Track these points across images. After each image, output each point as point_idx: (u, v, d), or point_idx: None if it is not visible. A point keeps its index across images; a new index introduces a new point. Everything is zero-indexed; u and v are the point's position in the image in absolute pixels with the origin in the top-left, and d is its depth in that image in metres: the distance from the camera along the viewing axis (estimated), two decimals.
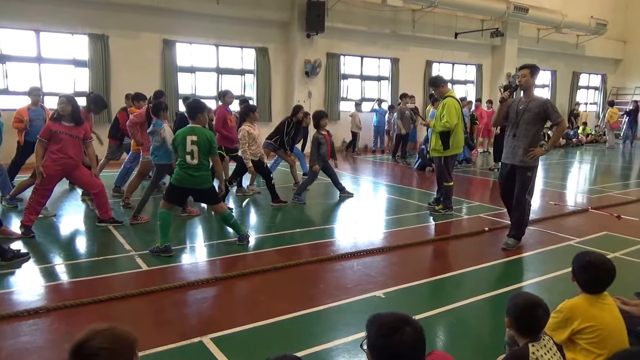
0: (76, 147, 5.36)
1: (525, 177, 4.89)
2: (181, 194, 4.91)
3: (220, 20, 11.88)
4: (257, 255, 4.85)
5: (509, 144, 4.97)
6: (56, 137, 5.20)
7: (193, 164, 4.64)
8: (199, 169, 4.68)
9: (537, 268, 4.58)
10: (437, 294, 4.04)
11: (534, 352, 2.16)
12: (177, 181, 4.71)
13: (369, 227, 6.06)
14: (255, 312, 3.50)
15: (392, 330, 1.61)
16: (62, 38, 10.57)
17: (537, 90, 20.31)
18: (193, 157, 4.63)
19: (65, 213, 6.45)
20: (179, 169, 4.70)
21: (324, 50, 13.41)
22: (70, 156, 5.29)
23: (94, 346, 1.39)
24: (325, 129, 7.25)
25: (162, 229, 4.68)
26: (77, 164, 5.44)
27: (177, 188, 4.74)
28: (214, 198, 4.94)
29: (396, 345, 1.60)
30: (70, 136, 5.27)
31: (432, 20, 14.76)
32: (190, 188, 4.76)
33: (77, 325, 3.20)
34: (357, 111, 13.72)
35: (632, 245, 5.10)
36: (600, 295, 2.51)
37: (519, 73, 4.84)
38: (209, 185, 4.85)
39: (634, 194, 8.23)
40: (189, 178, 4.66)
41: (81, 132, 5.40)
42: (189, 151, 4.62)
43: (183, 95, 10.56)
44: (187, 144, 4.62)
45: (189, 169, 4.65)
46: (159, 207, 4.81)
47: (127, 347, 1.45)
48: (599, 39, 19.21)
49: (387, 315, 1.70)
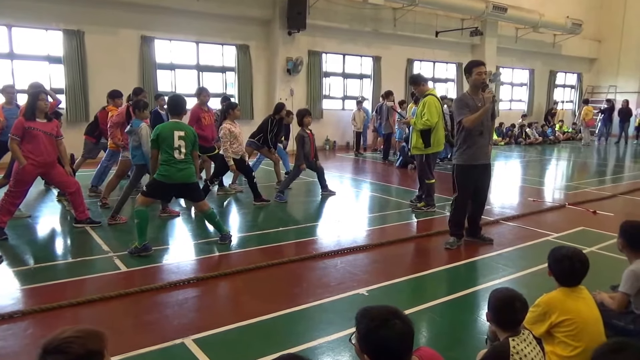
0: (51, 145, 5.24)
1: (489, 173, 5.11)
2: (168, 190, 4.81)
3: (200, 16, 11.74)
4: (239, 254, 4.81)
5: (478, 144, 4.84)
6: (30, 134, 5.06)
7: (181, 158, 4.59)
8: (186, 163, 4.64)
9: (516, 263, 4.65)
10: (419, 291, 4.07)
11: (515, 346, 2.19)
12: (165, 177, 4.60)
13: (352, 225, 6.07)
14: (237, 312, 3.47)
15: (382, 322, 1.64)
16: (35, 34, 10.30)
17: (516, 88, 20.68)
18: (181, 152, 4.58)
19: (41, 214, 6.30)
20: (166, 165, 4.58)
21: (305, 48, 13.39)
22: (46, 154, 5.16)
23: (65, 338, 1.41)
24: (309, 128, 7.23)
25: (139, 228, 4.58)
26: (53, 162, 5.32)
27: (164, 185, 4.65)
28: (200, 194, 4.89)
29: (386, 337, 1.62)
30: (44, 133, 5.15)
31: (413, 19, 14.87)
32: (178, 183, 4.68)
33: (53, 329, 3.06)
34: (359, 109, 13.35)
35: (608, 239, 5.22)
36: (577, 289, 2.57)
37: (480, 70, 4.72)
38: (195, 180, 4.80)
39: (609, 190, 8.43)
40: (178, 174, 4.60)
41: (54, 129, 5.28)
42: (176, 146, 4.57)
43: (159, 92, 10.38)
44: (175, 139, 4.57)
45: (178, 164, 4.59)
46: (136, 204, 4.71)
47: (99, 339, 1.47)
48: (575, 39, 19.63)
49: (377, 308, 1.73)
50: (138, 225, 4.58)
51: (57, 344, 1.41)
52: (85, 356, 1.42)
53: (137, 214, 4.61)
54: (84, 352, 1.41)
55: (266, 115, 8.40)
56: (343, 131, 14.63)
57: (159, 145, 4.61)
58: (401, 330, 1.64)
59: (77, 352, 1.40)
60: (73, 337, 1.42)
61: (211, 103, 7.63)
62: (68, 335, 1.43)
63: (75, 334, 1.44)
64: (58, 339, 1.42)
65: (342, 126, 14.61)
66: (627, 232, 3.09)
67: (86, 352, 1.42)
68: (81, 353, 1.41)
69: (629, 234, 3.08)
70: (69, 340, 1.41)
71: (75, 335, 1.43)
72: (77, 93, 10.51)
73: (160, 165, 4.64)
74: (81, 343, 1.42)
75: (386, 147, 12.13)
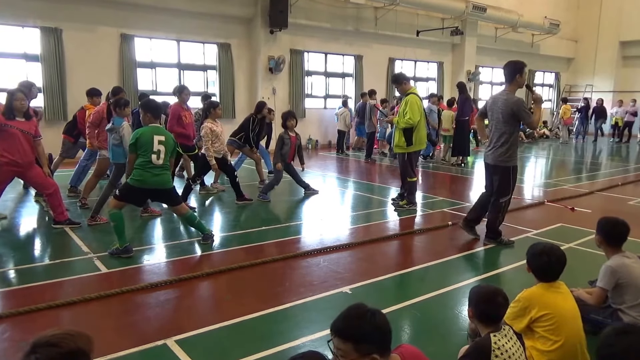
0: (29, 144, 5.13)
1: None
2: (141, 195, 4.74)
3: (181, 14, 11.61)
4: (222, 254, 4.78)
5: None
6: (7, 132, 4.95)
7: (159, 164, 4.52)
8: (163, 169, 4.57)
9: (497, 260, 4.72)
10: (402, 288, 4.10)
11: (496, 341, 2.22)
12: (139, 182, 4.50)
13: (335, 223, 6.08)
14: (220, 312, 3.45)
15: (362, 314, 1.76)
16: (11, 31, 10.04)
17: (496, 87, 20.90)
18: (159, 157, 4.51)
19: (19, 215, 6.15)
20: (141, 169, 4.48)
21: (287, 47, 13.35)
22: (22, 153, 5.05)
23: (57, 334, 1.44)
24: (294, 131, 7.20)
25: (116, 230, 4.50)
26: (30, 163, 5.20)
27: (137, 189, 4.55)
28: (176, 198, 4.83)
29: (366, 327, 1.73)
30: (22, 132, 5.04)
31: (394, 18, 14.95)
32: (153, 189, 4.60)
33: (32, 332, 3.03)
34: (345, 107, 13.26)
35: (586, 235, 5.34)
36: (555, 284, 2.62)
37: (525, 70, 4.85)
38: (171, 185, 4.74)
39: (587, 187, 8.62)
40: (152, 178, 4.51)
41: (32, 128, 5.17)
42: (155, 151, 4.49)
43: (142, 91, 10.24)
44: (155, 144, 4.49)
45: (154, 169, 4.50)
46: (109, 207, 4.63)
47: (87, 340, 1.49)
48: (553, 39, 20.01)
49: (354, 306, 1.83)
50: (115, 227, 4.51)
51: (49, 339, 1.43)
52: (76, 352, 1.44)
53: (111, 217, 4.53)
54: (75, 348, 1.44)
55: (248, 114, 8.36)
56: (325, 130, 14.64)
57: (137, 149, 4.50)
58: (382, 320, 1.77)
59: (69, 346, 1.42)
60: (65, 334, 1.45)
61: (192, 102, 7.54)
62: (59, 332, 1.46)
63: (66, 332, 1.47)
64: (49, 335, 1.44)
65: (324, 125, 14.62)
66: (603, 229, 3.17)
67: (77, 349, 1.44)
68: (73, 348, 1.43)
69: (605, 231, 3.15)
70: (60, 336, 1.44)
71: (67, 332, 1.47)
72: (55, 92, 10.27)
73: (134, 169, 4.52)
74: (73, 340, 1.45)
75: (369, 146, 12.18)
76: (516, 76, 4.76)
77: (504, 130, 4.79)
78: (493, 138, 4.89)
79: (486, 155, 5.05)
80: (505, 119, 4.75)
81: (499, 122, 4.81)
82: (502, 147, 4.82)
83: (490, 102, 4.97)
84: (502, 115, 4.75)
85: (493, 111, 4.87)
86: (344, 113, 13.16)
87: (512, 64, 4.82)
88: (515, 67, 4.78)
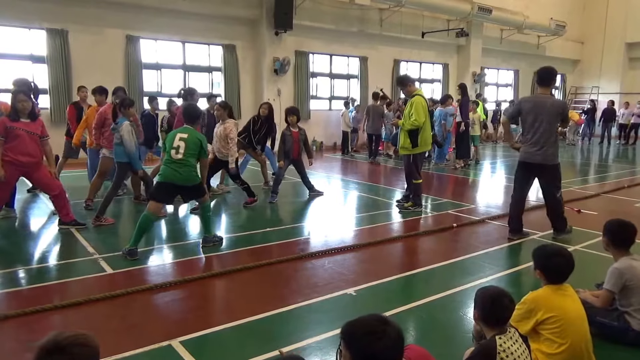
0: (35, 145, 5.14)
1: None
2: (169, 191, 4.77)
3: (186, 16, 11.65)
4: (227, 255, 4.78)
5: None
6: (13, 134, 4.96)
7: (177, 158, 4.60)
8: (182, 165, 4.62)
9: (503, 262, 4.70)
10: (407, 290, 4.08)
11: (501, 344, 2.21)
12: (164, 177, 4.66)
13: (340, 225, 6.07)
14: (225, 314, 3.45)
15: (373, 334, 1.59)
16: (18, 32, 10.12)
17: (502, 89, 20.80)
18: (178, 152, 4.61)
19: (24, 216, 6.19)
20: (164, 165, 4.69)
21: (292, 48, 13.37)
22: (28, 154, 5.06)
23: (68, 339, 1.44)
24: (297, 126, 7.19)
25: (138, 231, 4.53)
26: (36, 164, 5.22)
27: (164, 184, 4.67)
28: (202, 192, 4.90)
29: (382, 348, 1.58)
30: (28, 133, 5.06)
31: (400, 20, 14.94)
32: (178, 185, 4.68)
33: (38, 332, 3.07)
34: (347, 109, 13.39)
35: (592, 238, 5.30)
36: (562, 286, 2.61)
37: None
38: (196, 182, 4.80)
39: (593, 189, 8.57)
40: (174, 174, 4.61)
41: (38, 129, 5.18)
42: (175, 146, 4.63)
43: (149, 93, 10.29)
44: (176, 140, 4.66)
45: (173, 164, 4.61)
46: (146, 209, 4.66)
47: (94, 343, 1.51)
48: (559, 40, 19.94)
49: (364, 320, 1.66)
50: (138, 228, 4.55)
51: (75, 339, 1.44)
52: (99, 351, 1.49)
53: (142, 217, 4.58)
54: (98, 346, 1.50)
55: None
56: (330, 132, 14.63)
57: (165, 149, 4.76)
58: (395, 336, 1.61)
59: (96, 344, 1.49)
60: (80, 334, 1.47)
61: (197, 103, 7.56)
62: (72, 333, 1.47)
63: (78, 332, 1.48)
64: (66, 336, 1.44)
65: (329, 127, 14.62)
66: (611, 231, 3.15)
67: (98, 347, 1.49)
68: (98, 346, 1.49)
69: (612, 233, 3.14)
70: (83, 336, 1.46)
71: (79, 332, 1.48)
72: (61, 93, 10.35)
73: (161, 166, 4.79)
74: (93, 339, 1.49)
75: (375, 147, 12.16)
76: (553, 82, 5.10)
77: (553, 131, 5.02)
78: (540, 139, 4.99)
79: (530, 155, 5.09)
80: (555, 119, 5.01)
81: (549, 123, 4.99)
82: (553, 147, 5.04)
83: (531, 105, 5.08)
84: (552, 116, 4.98)
85: (538, 113, 4.99)
86: (345, 114, 13.19)
87: (552, 69, 5.09)
88: (555, 72, 5.11)
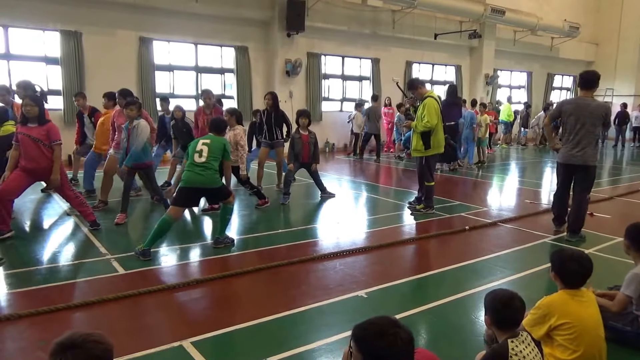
0: (38, 151, 4.93)
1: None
2: (190, 196, 4.81)
3: (198, 18, 11.74)
4: (238, 256, 4.79)
5: None
6: (18, 139, 4.95)
7: (200, 161, 4.68)
8: (205, 168, 4.68)
9: (514, 265, 4.64)
10: (418, 293, 4.05)
11: (514, 347, 2.18)
12: (186, 182, 4.71)
13: (351, 227, 6.05)
14: (236, 315, 3.45)
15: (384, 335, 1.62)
16: (32, 34, 10.27)
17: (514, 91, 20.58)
18: (201, 155, 4.69)
19: (37, 216, 6.27)
20: (186, 170, 4.75)
21: (304, 50, 13.39)
22: (32, 160, 4.93)
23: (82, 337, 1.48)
24: (306, 129, 7.17)
25: (155, 233, 4.57)
26: (45, 170, 5.02)
27: (186, 189, 4.72)
28: (226, 194, 4.96)
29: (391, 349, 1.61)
30: (29, 138, 4.91)
31: (412, 21, 14.89)
32: (201, 188, 4.74)
33: (50, 332, 3.10)
34: (358, 111, 13.22)
35: (605, 241, 5.22)
36: (579, 292, 2.56)
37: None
38: (219, 184, 4.85)
39: (606, 192, 8.44)
40: (196, 177, 4.66)
41: (41, 134, 4.92)
42: (198, 150, 4.72)
43: (161, 94, 10.37)
44: (199, 145, 4.77)
45: (196, 167, 4.67)
46: (167, 212, 4.72)
47: (108, 341, 1.55)
48: (572, 42, 19.70)
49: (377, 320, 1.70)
50: (156, 229, 4.58)
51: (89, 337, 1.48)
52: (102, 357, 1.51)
53: (162, 220, 4.63)
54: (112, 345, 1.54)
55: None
56: (342, 133, 14.61)
57: (187, 157, 4.83)
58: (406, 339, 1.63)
59: (109, 342, 1.54)
60: (92, 333, 1.52)
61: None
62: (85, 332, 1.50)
63: (89, 332, 1.52)
64: (80, 335, 1.48)
65: (341, 128, 14.59)
66: (631, 235, 3.10)
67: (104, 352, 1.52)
68: (112, 344, 1.54)
69: (633, 236, 3.09)
70: (97, 335, 1.51)
71: (91, 332, 1.52)
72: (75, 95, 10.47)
73: (184, 171, 4.83)
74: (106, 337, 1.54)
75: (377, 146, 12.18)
76: (596, 84, 5.18)
77: (595, 133, 5.16)
78: (582, 140, 5.15)
79: (570, 157, 5.26)
80: (597, 122, 5.13)
81: (591, 125, 5.14)
82: (594, 149, 5.21)
83: (572, 107, 5.25)
84: (594, 119, 5.11)
85: (580, 116, 5.15)
86: (358, 115, 13.18)
87: (596, 73, 5.21)
88: (598, 76, 5.21)
